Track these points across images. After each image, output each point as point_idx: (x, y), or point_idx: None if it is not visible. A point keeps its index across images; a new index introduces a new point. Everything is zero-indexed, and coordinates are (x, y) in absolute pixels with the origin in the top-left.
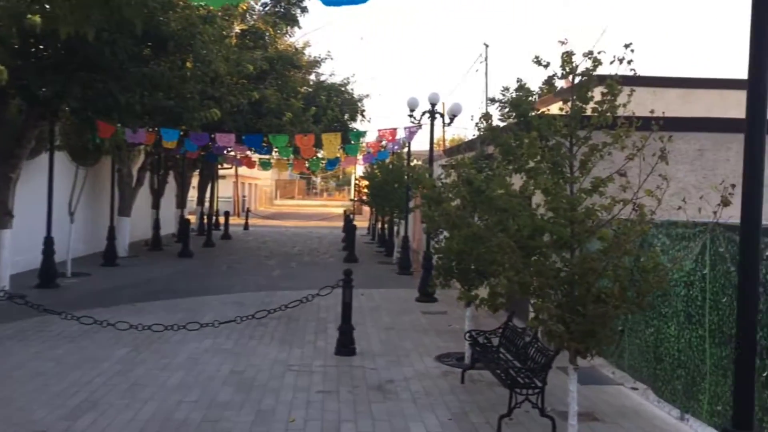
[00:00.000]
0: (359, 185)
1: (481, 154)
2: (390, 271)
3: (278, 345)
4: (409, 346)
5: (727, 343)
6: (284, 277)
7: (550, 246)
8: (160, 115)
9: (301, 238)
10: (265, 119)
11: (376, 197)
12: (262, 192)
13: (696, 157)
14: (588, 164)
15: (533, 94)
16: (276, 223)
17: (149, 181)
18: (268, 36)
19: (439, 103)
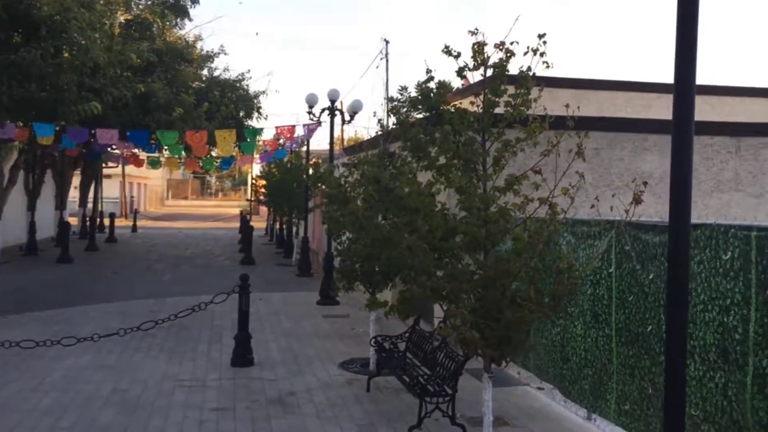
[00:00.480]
0: (256, 185)
1: (385, 152)
2: (289, 274)
3: (167, 358)
4: (311, 353)
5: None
6: (175, 283)
7: (463, 247)
8: (33, 109)
9: (195, 240)
10: (153, 115)
11: (274, 197)
12: (152, 192)
13: (593, 155)
14: (501, 161)
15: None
16: (167, 224)
17: (23, 180)
18: (156, 28)
19: (338, 100)
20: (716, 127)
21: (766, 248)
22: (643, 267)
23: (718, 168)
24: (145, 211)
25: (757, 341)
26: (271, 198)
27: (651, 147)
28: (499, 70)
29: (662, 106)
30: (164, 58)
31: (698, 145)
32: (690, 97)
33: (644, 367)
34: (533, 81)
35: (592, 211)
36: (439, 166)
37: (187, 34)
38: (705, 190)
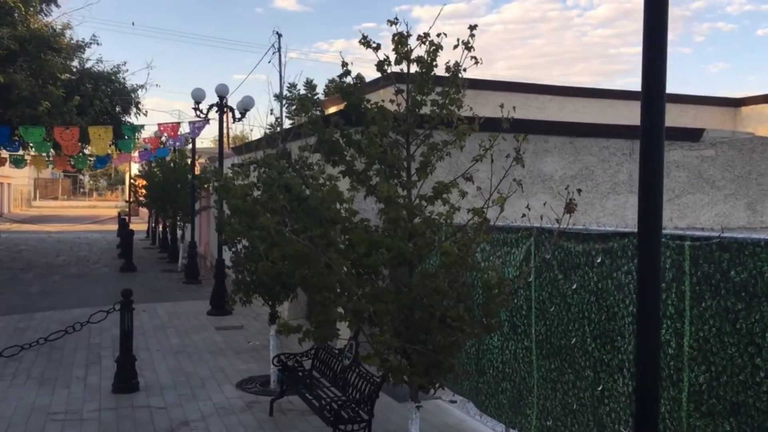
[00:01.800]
0: (135, 185)
1: (283, 152)
2: (176, 281)
3: (37, 386)
4: (204, 372)
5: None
6: (46, 295)
7: (386, 264)
8: None
9: (67, 246)
10: (15, 109)
11: (157, 199)
12: (17, 192)
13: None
14: (428, 166)
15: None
16: (35, 228)
17: None
18: (17, 13)
19: (228, 96)
20: (613, 129)
21: (700, 259)
22: (566, 276)
23: (614, 170)
24: (9, 214)
25: (693, 356)
26: (153, 199)
27: (551, 149)
28: (425, 65)
29: (555, 107)
30: (27, 46)
31: (596, 147)
32: (660, 102)
33: (568, 381)
34: (463, 80)
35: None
36: (359, 172)
37: (55, 22)
38: (602, 192)
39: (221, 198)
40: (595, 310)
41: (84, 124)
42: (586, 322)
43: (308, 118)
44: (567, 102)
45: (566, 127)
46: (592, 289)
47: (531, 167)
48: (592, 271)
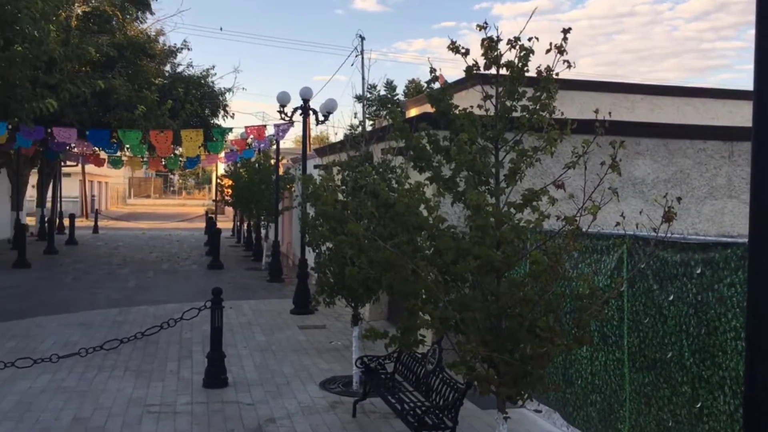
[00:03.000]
0: (222, 185)
1: (367, 155)
2: (260, 279)
3: (134, 378)
4: (288, 371)
5: None
6: (140, 289)
7: (475, 272)
8: None
9: (159, 242)
10: (114, 112)
11: (242, 198)
12: (113, 191)
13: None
14: (518, 173)
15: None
16: (130, 225)
17: None
18: (115, 21)
19: (312, 98)
20: (711, 131)
21: None
22: (662, 287)
23: (711, 174)
24: (106, 211)
25: None
26: (238, 199)
27: (643, 151)
28: (516, 70)
29: (646, 107)
30: (125, 53)
31: (691, 149)
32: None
33: (663, 397)
34: (555, 84)
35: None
36: (447, 179)
37: (149, 28)
38: (698, 197)
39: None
40: (694, 323)
41: (176, 126)
42: (684, 336)
43: (396, 125)
44: (659, 101)
45: (660, 129)
46: (691, 301)
47: (622, 170)
48: (691, 283)
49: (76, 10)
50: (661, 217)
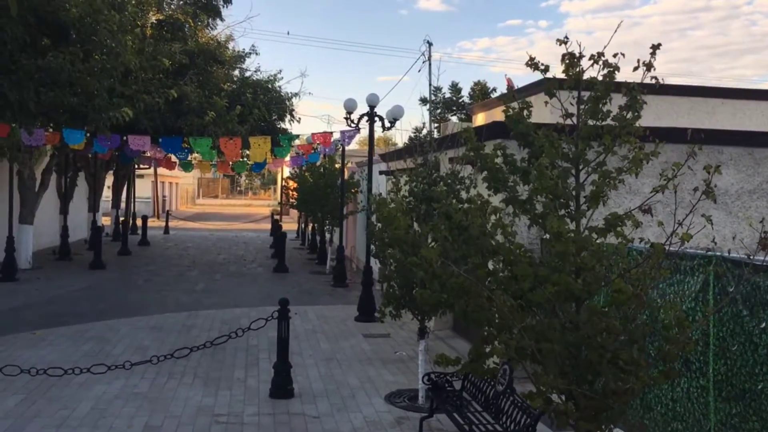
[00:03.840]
0: (287, 187)
1: (435, 164)
2: (324, 283)
3: (202, 385)
4: (354, 382)
5: None
6: (208, 293)
7: (552, 299)
8: (62, 114)
9: (227, 244)
10: (185, 118)
11: (307, 202)
12: (183, 191)
13: (663, 168)
14: (601, 197)
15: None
16: (199, 225)
17: (56, 183)
18: (188, 28)
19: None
20: None
21: None
22: (752, 313)
23: None
24: (176, 211)
25: None
26: (303, 202)
27: (726, 161)
28: (602, 88)
29: (727, 112)
30: (196, 59)
31: None
32: None
33: (752, 430)
34: (643, 100)
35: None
36: (523, 201)
37: (219, 35)
38: None
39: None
40: (763, 346)
41: (244, 132)
42: None
43: (470, 146)
44: (741, 105)
45: (745, 136)
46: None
47: (701, 178)
48: None
49: (150, 19)
50: (749, 228)
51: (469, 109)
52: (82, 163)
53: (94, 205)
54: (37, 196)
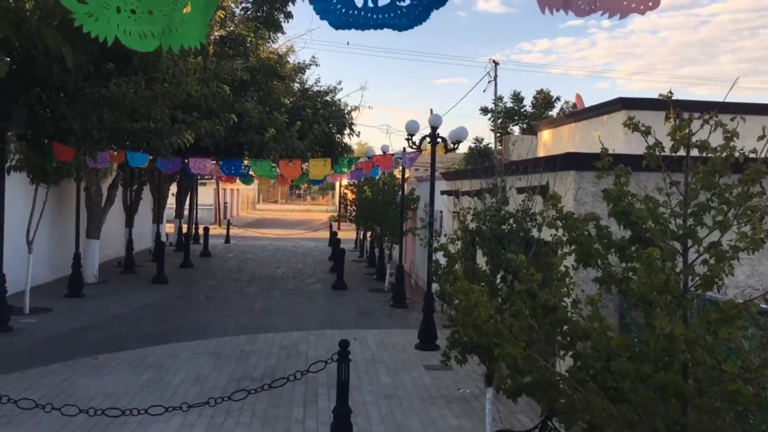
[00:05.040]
0: (346, 198)
1: (503, 200)
2: (383, 303)
3: (260, 426)
4: (416, 425)
5: None
6: (267, 312)
7: (655, 399)
8: (125, 139)
9: (285, 255)
10: (245, 134)
11: (365, 216)
12: (244, 197)
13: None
14: (715, 281)
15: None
16: (259, 233)
17: (122, 195)
18: (249, 42)
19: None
20: None
21: None
22: None
23: None
24: (237, 216)
25: None
26: (362, 216)
27: None
28: (719, 161)
29: None
30: (257, 75)
31: None
32: None
33: None
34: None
35: None
36: (620, 280)
37: (280, 48)
38: None
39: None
40: None
41: (303, 147)
42: None
43: (559, 216)
44: None
45: None
46: None
47: None
48: None
49: (213, 34)
50: None
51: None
52: (147, 176)
53: (158, 217)
54: (104, 211)
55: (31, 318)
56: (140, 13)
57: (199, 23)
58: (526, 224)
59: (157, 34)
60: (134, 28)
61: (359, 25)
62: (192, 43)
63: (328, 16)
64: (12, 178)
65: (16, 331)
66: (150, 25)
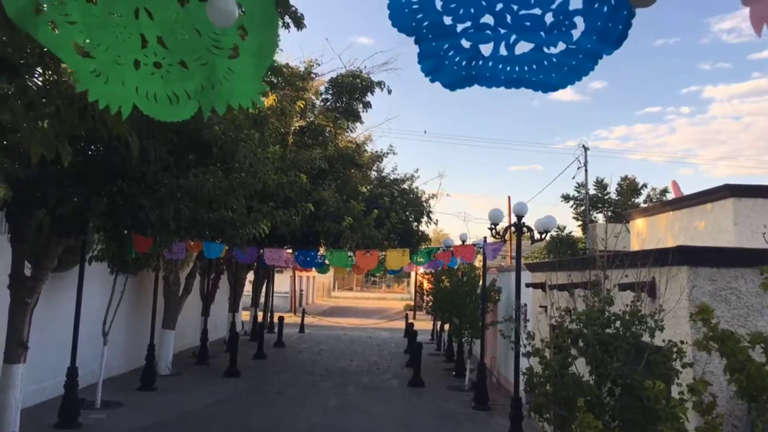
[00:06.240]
0: (421, 286)
1: (607, 298)
2: (464, 403)
3: None
4: None
5: None
6: (340, 411)
7: None
8: (201, 229)
9: (360, 346)
10: (322, 223)
11: (443, 309)
12: (319, 284)
13: None
14: None
15: None
16: (333, 321)
17: (199, 284)
18: (328, 132)
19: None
20: None
21: None
22: None
23: None
24: (312, 304)
25: None
26: (440, 309)
27: None
28: None
29: None
30: (335, 164)
31: None
32: None
33: None
34: None
35: None
36: None
37: (358, 137)
38: None
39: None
40: None
41: (380, 236)
42: None
43: (709, 329)
44: None
45: None
46: None
47: None
48: None
49: (294, 125)
50: None
51: (624, 214)
52: (225, 264)
53: (234, 305)
54: (181, 301)
55: (100, 413)
56: (168, 65)
57: (252, 74)
58: (635, 328)
59: (193, 93)
60: (160, 89)
61: (484, 79)
62: (244, 102)
63: (440, 75)
64: (91, 267)
65: (85, 427)
66: (182, 82)
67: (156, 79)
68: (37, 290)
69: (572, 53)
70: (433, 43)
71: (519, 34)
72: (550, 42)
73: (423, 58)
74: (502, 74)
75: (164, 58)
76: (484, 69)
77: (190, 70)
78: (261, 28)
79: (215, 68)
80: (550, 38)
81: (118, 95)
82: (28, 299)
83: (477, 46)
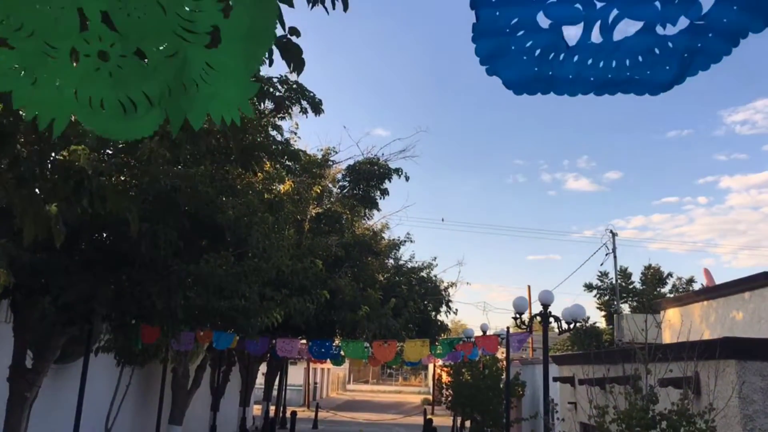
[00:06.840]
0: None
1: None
2: None
3: None
4: None
5: None
6: None
7: None
8: (211, 318)
9: None
10: (338, 312)
11: (464, 404)
12: (334, 377)
13: None
14: None
15: None
16: (349, 416)
17: (210, 377)
18: (345, 219)
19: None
20: None
21: None
22: None
23: None
24: (327, 397)
25: None
26: (459, 403)
27: None
28: None
29: None
30: (352, 252)
31: None
32: None
33: None
34: None
35: None
36: None
37: (375, 225)
38: None
39: None
40: None
41: (398, 326)
42: None
43: None
44: None
45: None
46: None
47: None
48: None
49: (310, 212)
50: None
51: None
52: (237, 356)
53: (245, 399)
54: (190, 395)
55: None
56: (119, 57)
57: (239, 69)
58: (684, 430)
59: (156, 97)
60: (108, 92)
61: (564, 84)
62: (227, 111)
63: (502, 66)
64: (97, 359)
65: None
66: (140, 82)
67: (102, 78)
68: (38, 383)
69: (699, 32)
70: (497, 11)
71: (623, 7)
72: (667, 17)
73: (480, 34)
74: (592, 73)
75: (113, 45)
76: (567, 67)
77: (150, 63)
78: (252, 1)
79: (187, 63)
80: (668, 11)
81: (49, 102)
82: (27, 393)
83: (560, 28)
